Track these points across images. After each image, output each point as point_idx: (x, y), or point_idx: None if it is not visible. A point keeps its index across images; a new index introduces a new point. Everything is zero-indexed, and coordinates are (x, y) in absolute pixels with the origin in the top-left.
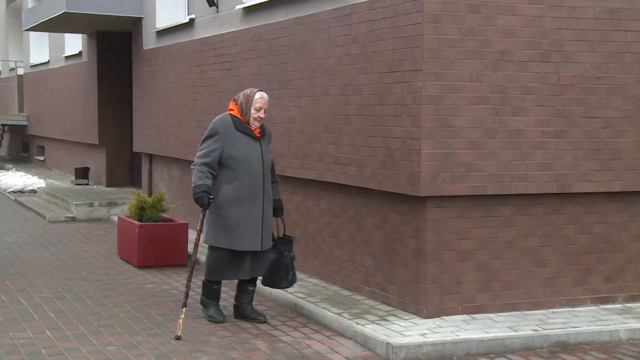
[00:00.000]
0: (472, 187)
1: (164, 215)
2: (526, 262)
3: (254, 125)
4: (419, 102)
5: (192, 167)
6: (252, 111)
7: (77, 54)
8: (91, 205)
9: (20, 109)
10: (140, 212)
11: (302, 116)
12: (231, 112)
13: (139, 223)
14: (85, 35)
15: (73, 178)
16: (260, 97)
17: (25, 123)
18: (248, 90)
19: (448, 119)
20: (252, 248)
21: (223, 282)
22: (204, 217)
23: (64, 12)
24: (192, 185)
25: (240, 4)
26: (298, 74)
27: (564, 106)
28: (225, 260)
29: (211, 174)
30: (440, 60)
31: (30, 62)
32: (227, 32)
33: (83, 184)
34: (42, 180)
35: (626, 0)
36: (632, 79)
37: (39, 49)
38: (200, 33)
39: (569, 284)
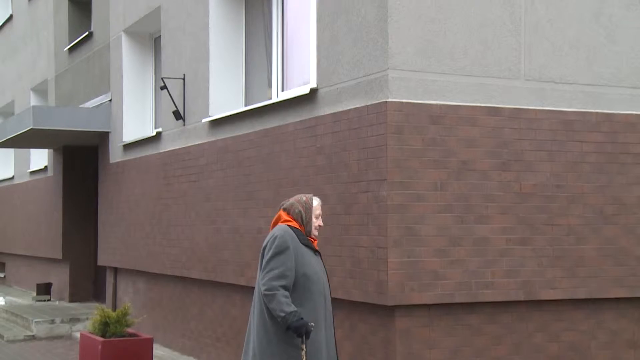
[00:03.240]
0: (440, 296)
1: (129, 330)
2: None
3: (314, 235)
4: (385, 211)
5: (266, 291)
6: (313, 219)
7: (42, 169)
8: (52, 322)
9: None
10: (104, 327)
11: (268, 226)
12: (288, 223)
13: (101, 339)
14: (51, 150)
15: (34, 294)
16: (318, 204)
17: None
18: (303, 197)
19: (414, 228)
20: None
21: None
22: (305, 350)
23: (31, 128)
24: (281, 314)
25: (207, 117)
26: (264, 185)
27: (527, 214)
28: None
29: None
30: (404, 170)
31: None
32: (194, 145)
33: (45, 300)
34: (1, 298)
35: (579, 113)
36: (591, 187)
37: (4, 164)
38: (167, 146)
39: None
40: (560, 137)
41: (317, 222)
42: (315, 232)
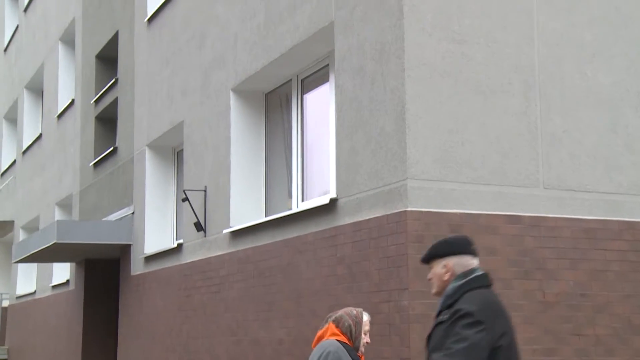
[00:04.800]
0: None
1: None
2: None
3: (361, 351)
4: (407, 321)
5: None
6: (362, 335)
7: (64, 283)
8: None
9: (2, 342)
10: None
11: (289, 337)
12: (337, 337)
13: None
14: (73, 264)
15: None
16: (368, 319)
17: (5, 357)
18: (353, 311)
19: None
20: None
21: None
22: None
23: (55, 242)
24: None
25: (227, 228)
26: (285, 295)
27: (552, 323)
28: None
29: None
30: (425, 279)
31: (17, 293)
32: (215, 256)
33: None
34: None
35: (601, 221)
36: (617, 296)
37: (27, 279)
38: (188, 257)
39: None
40: (582, 245)
41: (365, 338)
42: (362, 349)
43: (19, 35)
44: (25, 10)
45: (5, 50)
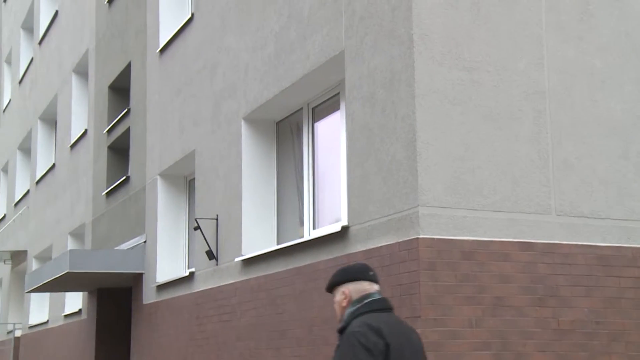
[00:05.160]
0: None
1: None
2: None
3: None
4: None
5: None
6: None
7: (76, 312)
8: None
9: None
10: None
11: None
12: None
13: None
14: (85, 293)
15: None
16: None
17: None
18: None
19: None
20: None
21: None
22: None
23: (67, 272)
24: None
25: (239, 256)
26: (297, 324)
27: (567, 351)
28: None
29: None
30: (438, 307)
31: (29, 323)
32: (227, 284)
33: None
34: None
35: (614, 248)
36: (632, 323)
37: (39, 309)
38: (199, 286)
39: None
40: (596, 272)
41: None
42: None
43: (34, 67)
44: (40, 42)
45: (20, 82)
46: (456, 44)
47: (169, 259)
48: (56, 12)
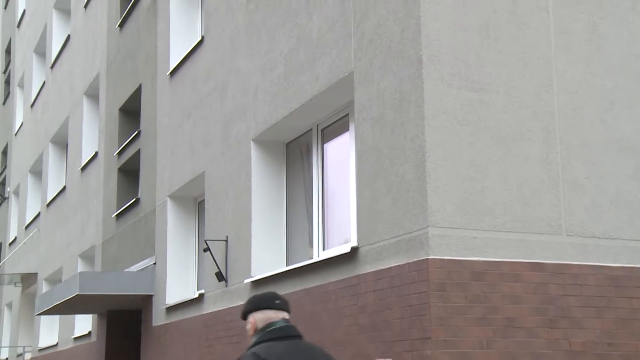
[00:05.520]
0: None
1: None
2: None
3: None
4: None
5: None
6: None
7: (86, 335)
8: None
9: None
10: None
11: None
12: None
13: None
14: (95, 315)
15: None
16: None
17: None
18: None
19: None
20: None
21: None
22: None
23: (77, 294)
24: None
25: (249, 277)
26: None
27: None
28: None
29: None
30: (448, 328)
31: (39, 345)
32: (236, 306)
33: None
34: None
35: (626, 269)
36: None
37: (49, 331)
38: (209, 307)
39: None
40: (608, 293)
41: None
42: None
43: (45, 90)
44: (52, 66)
45: (32, 105)
46: (465, 65)
47: (179, 281)
48: (68, 36)
